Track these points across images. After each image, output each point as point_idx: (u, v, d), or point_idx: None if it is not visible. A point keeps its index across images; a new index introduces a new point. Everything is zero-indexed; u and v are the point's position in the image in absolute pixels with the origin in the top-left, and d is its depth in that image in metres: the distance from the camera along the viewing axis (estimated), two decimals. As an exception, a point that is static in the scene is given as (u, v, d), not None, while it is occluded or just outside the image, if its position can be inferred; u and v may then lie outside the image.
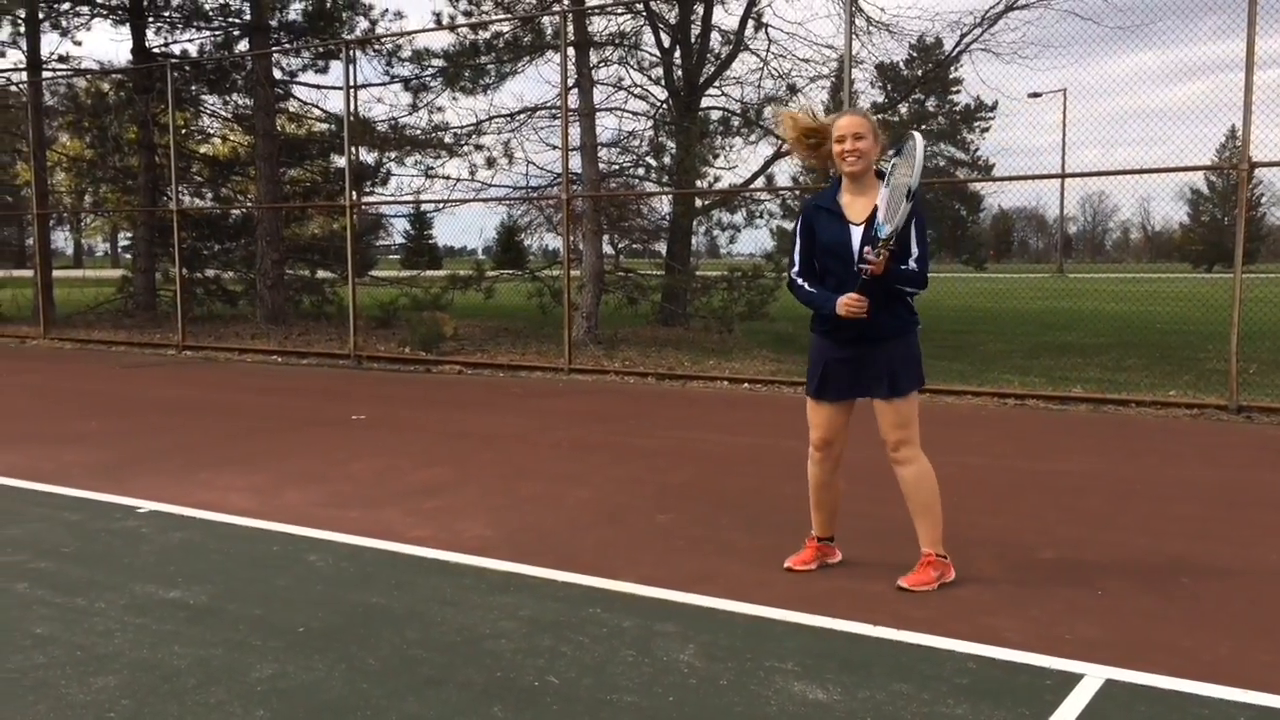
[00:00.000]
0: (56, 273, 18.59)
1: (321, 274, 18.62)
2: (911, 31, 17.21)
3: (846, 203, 4.00)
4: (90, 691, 3.02)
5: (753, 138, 16.02)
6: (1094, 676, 3.11)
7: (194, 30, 18.95)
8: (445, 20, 15.78)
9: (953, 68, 20.92)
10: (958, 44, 14.70)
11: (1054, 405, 8.81)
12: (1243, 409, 8.25)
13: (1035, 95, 23.23)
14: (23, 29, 18.23)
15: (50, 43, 25.42)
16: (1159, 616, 3.65)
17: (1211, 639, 3.43)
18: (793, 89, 15.44)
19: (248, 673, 3.17)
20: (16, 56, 19.27)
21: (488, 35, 15.61)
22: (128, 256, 25.25)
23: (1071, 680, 3.09)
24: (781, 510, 5.23)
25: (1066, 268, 53.20)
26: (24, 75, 18.51)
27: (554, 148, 15.34)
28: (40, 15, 18.04)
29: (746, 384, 10.31)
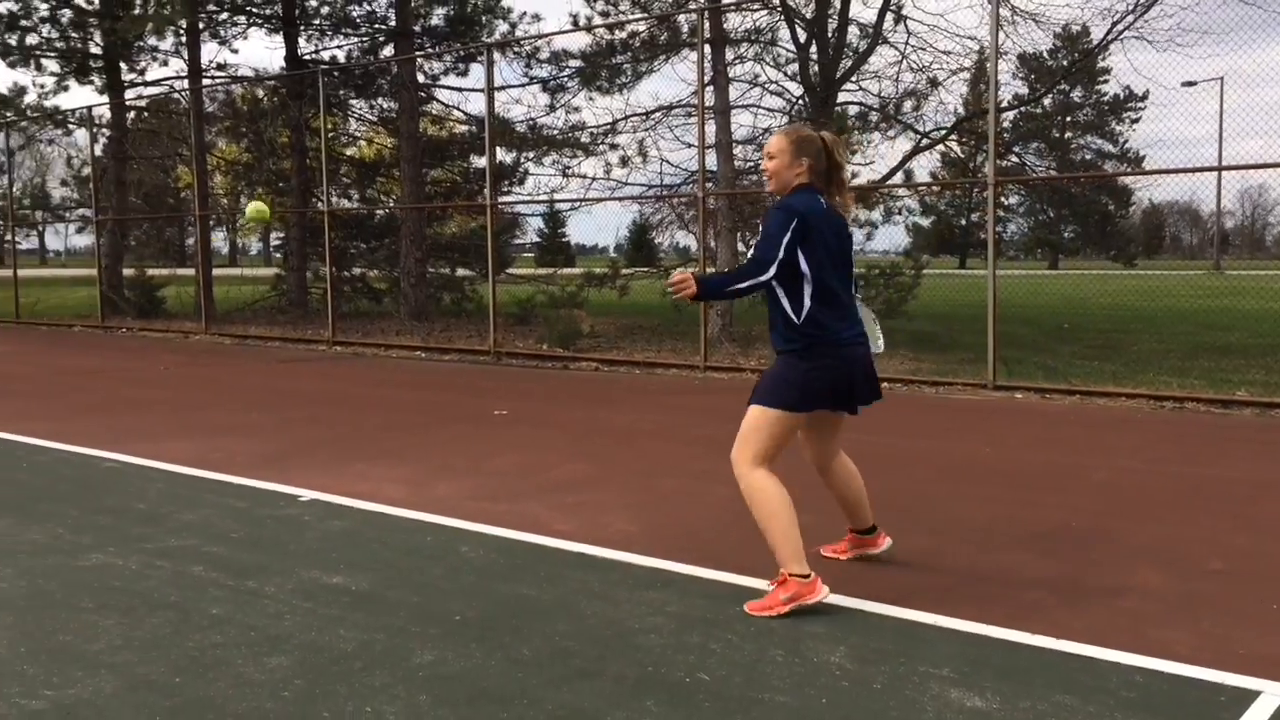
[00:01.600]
0: (215, 271, 19.53)
1: (461, 272, 19.11)
2: (1058, 20, 16.59)
3: None
4: (265, 670, 3.18)
5: (891, 133, 15.74)
6: (1271, 694, 2.96)
7: (342, 37, 19.68)
8: (582, 21, 15.98)
9: (1101, 56, 20.10)
10: (1108, 32, 14.14)
11: (1216, 409, 8.40)
12: None
13: (1190, 84, 22.14)
14: (184, 39, 19.23)
15: (209, 51, 26.80)
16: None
17: (1402, 660, 3.22)
18: (933, 82, 15.13)
19: (409, 658, 3.28)
20: (178, 65, 20.39)
21: (624, 35, 15.73)
22: (279, 255, 26.38)
23: (1247, 697, 2.95)
24: (925, 512, 5.13)
25: (1223, 264, 50.61)
26: (185, 83, 19.54)
27: (689, 146, 15.37)
28: (200, 25, 18.99)
29: (885, 383, 10.12)
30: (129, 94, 20.88)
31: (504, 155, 17.91)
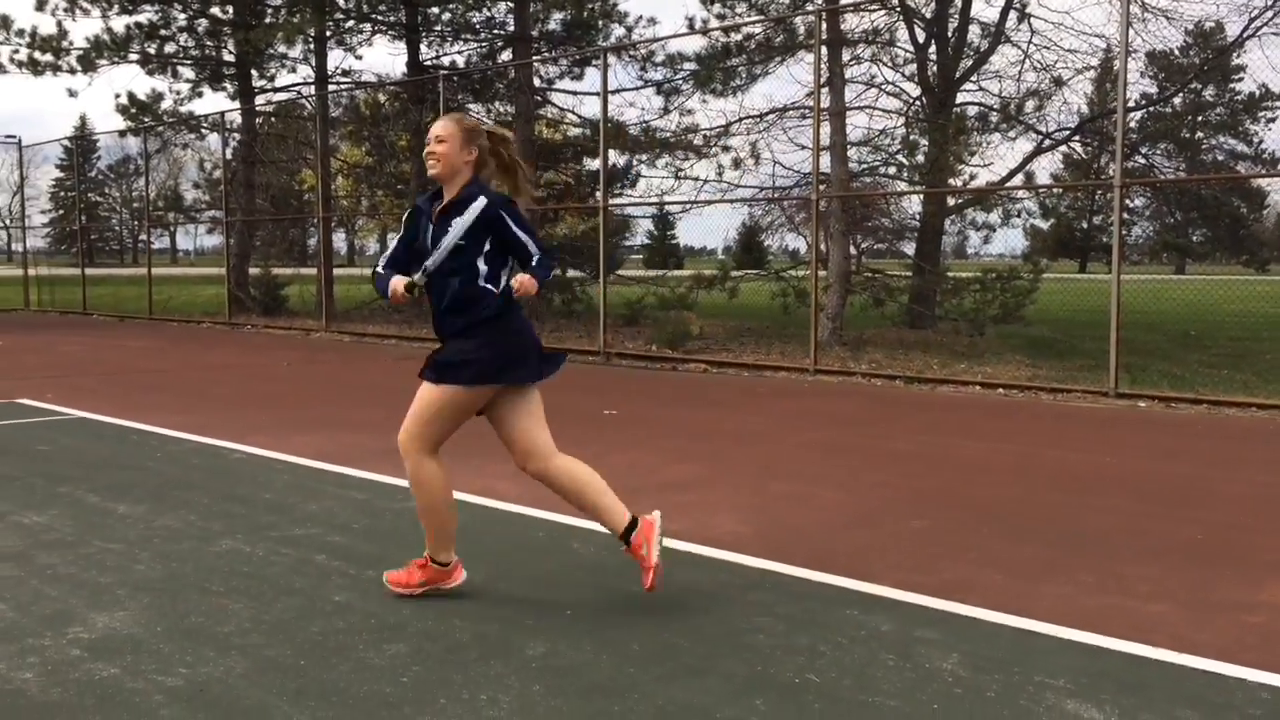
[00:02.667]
0: (335, 270, 20.18)
1: (572, 273, 19.34)
2: (1192, 16, 16.01)
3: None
4: (385, 657, 3.29)
5: (1012, 133, 15.40)
6: None
7: (462, 42, 20.12)
8: (698, 24, 16.03)
9: (1236, 54, 19.29)
10: (1245, 28, 13.59)
11: (1356, 422, 8.01)
12: None
13: (1334, 80, 21.01)
14: (312, 46, 19.92)
15: (335, 58, 27.67)
16: None
17: None
18: (1058, 81, 14.74)
19: (522, 649, 3.36)
20: (306, 71, 21.13)
21: (740, 37, 15.72)
22: (396, 256, 27.01)
23: (1387, 722, 2.82)
24: (1046, 522, 5.02)
25: (1367, 270, 47.90)
26: (312, 88, 20.23)
27: (802, 148, 15.28)
28: (327, 33, 19.65)
29: (1001, 389, 9.92)
30: (259, 99, 21.71)
31: (616, 158, 18.08)
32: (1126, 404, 8.97)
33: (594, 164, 18.56)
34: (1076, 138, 16.83)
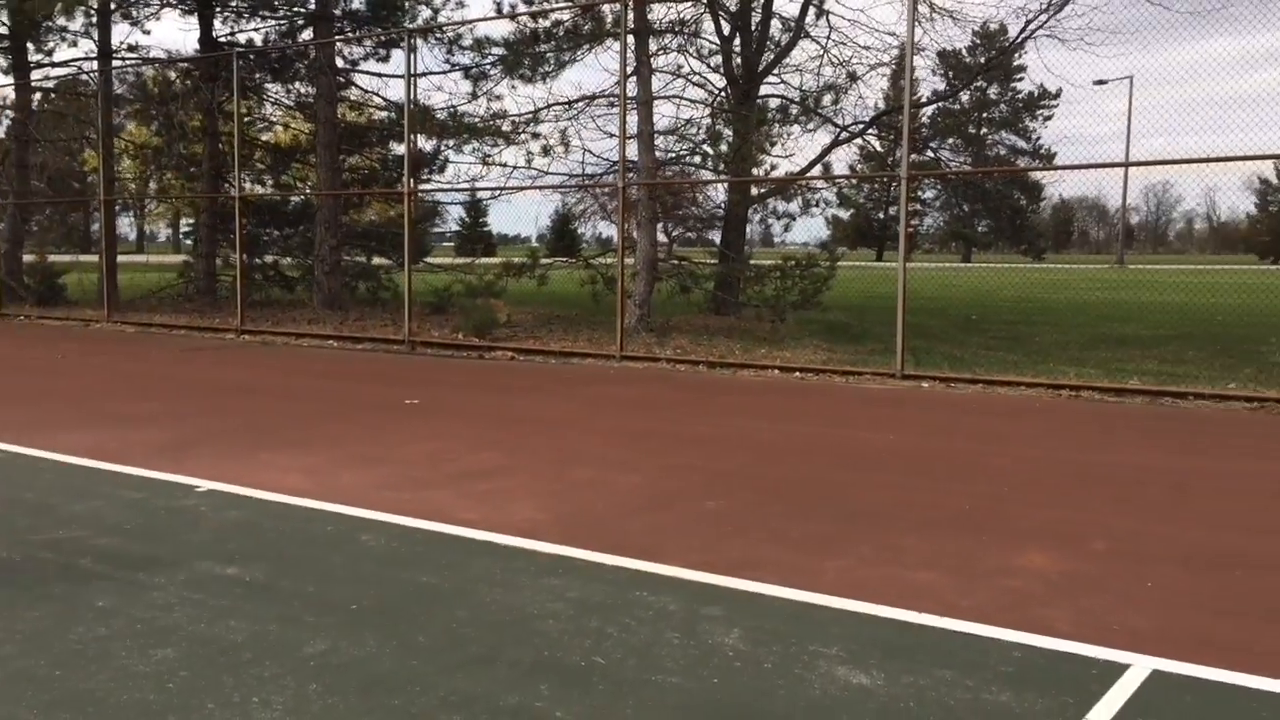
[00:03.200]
0: (120, 258, 19.01)
1: (378, 260, 18.87)
2: (975, 18, 16.96)
3: None
4: (150, 663, 3.12)
5: (811, 126, 15.93)
6: (1140, 667, 3.08)
7: (259, 19, 19.25)
8: (506, 9, 15.87)
9: (1016, 55, 20.53)
10: (1022, 30, 14.49)
11: (1110, 397, 8.68)
12: (1308, 403, 8.07)
13: (1101, 82, 22.74)
14: (94, 19, 18.64)
15: (120, 32, 26.04)
16: (1211, 609, 3.60)
17: (1265, 632, 3.37)
18: (853, 76, 15.33)
19: (301, 647, 3.25)
20: (88, 46, 19.75)
21: (548, 23, 15.66)
22: (189, 242, 25.76)
23: (1117, 670, 3.06)
24: (832, 498, 5.22)
25: (1127, 259, 52.19)
26: (94, 64, 18.94)
27: (611, 135, 15.38)
28: (112, 6, 18.43)
29: (798, 372, 10.27)
30: (35, 75, 20.18)
31: (424, 143, 17.72)
32: (911, 385, 9.45)
33: (400, 148, 18.15)
34: (872, 131, 17.56)
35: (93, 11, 18.34)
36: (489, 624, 3.46)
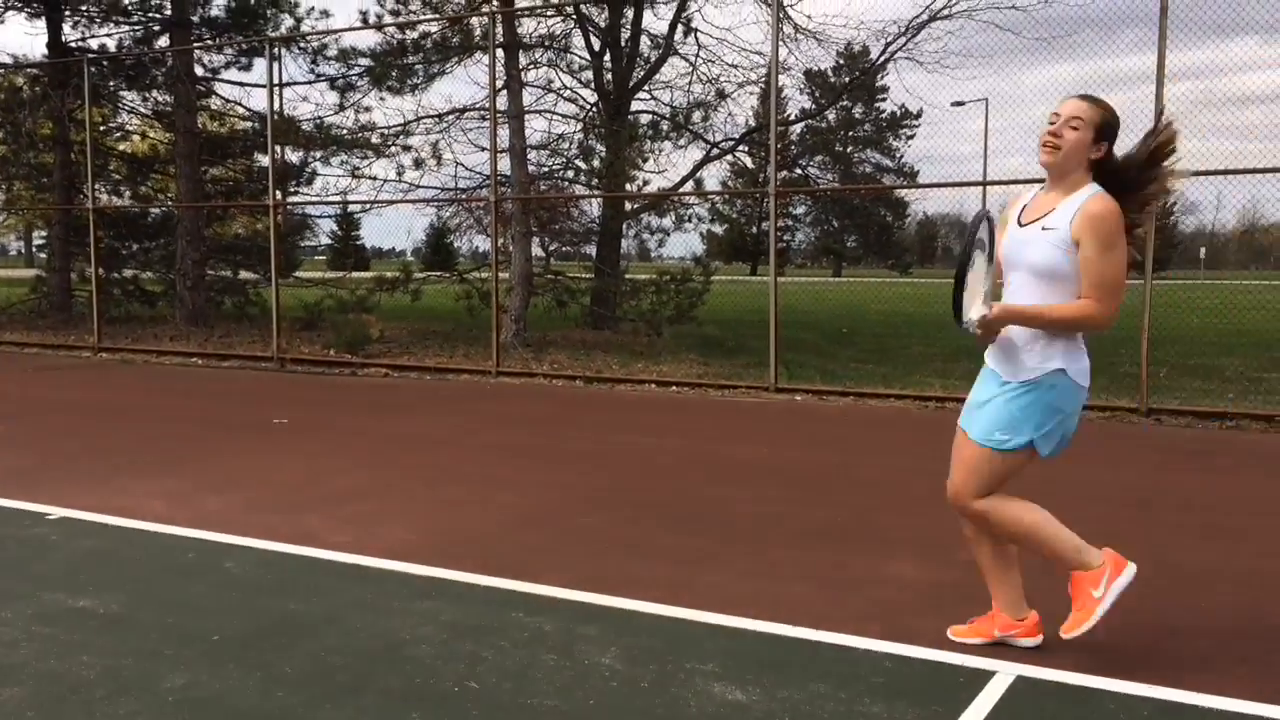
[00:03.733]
0: (-34, 272, 17.97)
1: (244, 275, 18.29)
2: (838, 39, 17.45)
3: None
4: (-7, 704, 2.94)
5: (682, 142, 16.11)
6: (1005, 674, 3.19)
7: (113, 25, 18.48)
8: (372, 19, 15.62)
9: (879, 76, 21.22)
10: (883, 53, 14.96)
11: (974, 408, 8.99)
12: (1152, 411, 8.51)
13: (959, 104, 23.63)
14: (-70, 20, 17.64)
15: (-40, 34, 24.62)
16: (1065, 616, 3.74)
17: (1120, 637, 3.53)
18: (721, 94, 15.58)
19: (159, 682, 3.10)
20: (-76, 48, 18.65)
21: (415, 35, 15.46)
22: (42, 256, 24.55)
23: (983, 678, 3.16)
24: (707, 513, 5.26)
25: (988, 273, 54.22)
26: (-69, 68, 17.90)
27: (483, 149, 15.27)
28: (-50, 7, 17.47)
29: (674, 387, 10.36)
30: None
31: (290, 154, 17.27)
32: (785, 398, 9.62)
33: (265, 160, 17.65)
34: (742, 147, 17.86)
35: (-72, 13, 17.37)
36: (358, 652, 3.37)
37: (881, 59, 15.17)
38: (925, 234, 67.12)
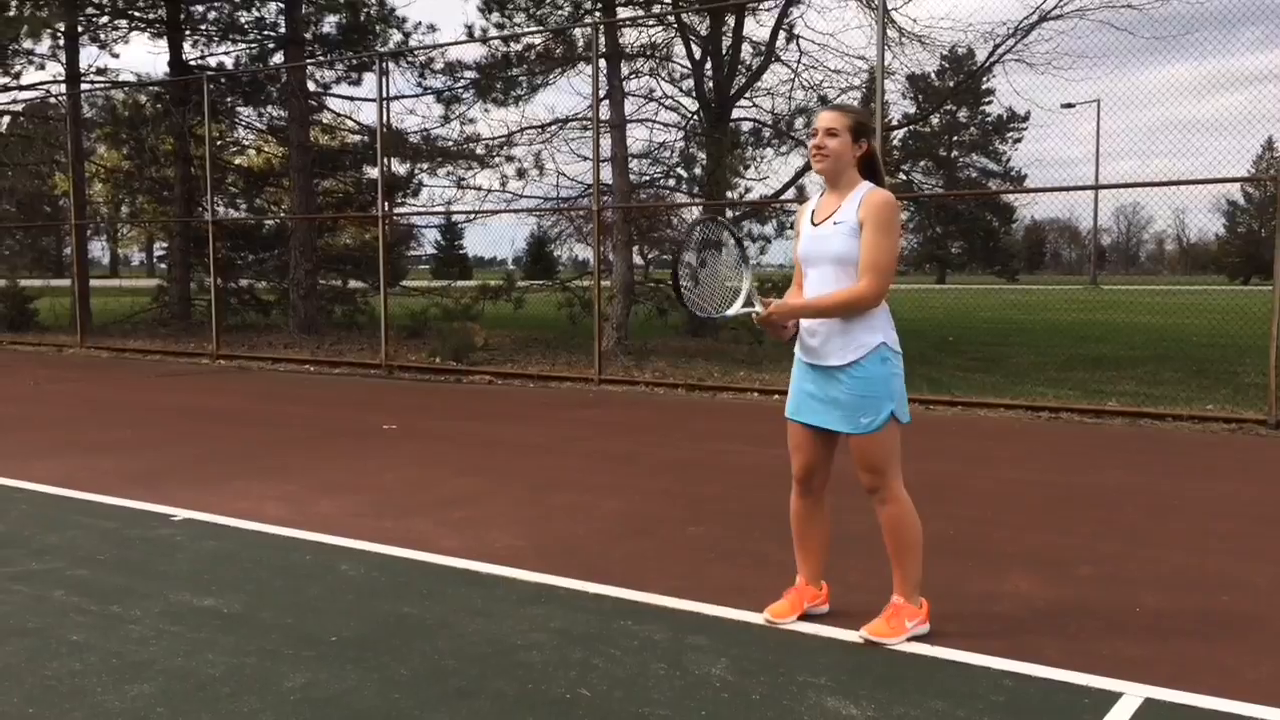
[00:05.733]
0: (93, 282, 18.80)
1: (354, 284, 18.77)
2: (944, 43, 17.14)
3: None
4: (126, 699, 3.04)
5: (784, 149, 16.02)
6: (1133, 695, 3.06)
7: (230, 43, 19.19)
8: (478, 33, 15.88)
9: (985, 78, 20.74)
10: (990, 55, 14.62)
11: (1089, 419, 8.72)
12: (1282, 423, 8.14)
13: (1069, 106, 23.00)
14: (61, 42, 18.52)
15: (89, 55, 25.88)
16: (1199, 634, 3.60)
17: (1253, 658, 3.37)
18: (824, 100, 15.41)
19: (280, 681, 3.18)
20: (55, 69, 19.65)
21: (519, 47, 15.69)
22: (163, 266, 25.56)
23: (1110, 699, 3.04)
24: (813, 523, 5.18)
25: (1100, 279, 52.75)
26: (63, 88, 18.80)
27: (585, 159, 15.42)
28: (79, 29, 18.31)
29: (777, 395, 10.26)
30: (1, 98, 20.01)
31: (398, 166, 17.68)
32: (891, 407, 9.44)
33: (373, 172, 18.08)
34: (844, 154, 17.62)
35: (60, 35, 18.22)
36: (471, 656, 3.40)
37: (989, 61, 14.84)
38: (1033, 239, 65.46)
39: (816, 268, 3.60)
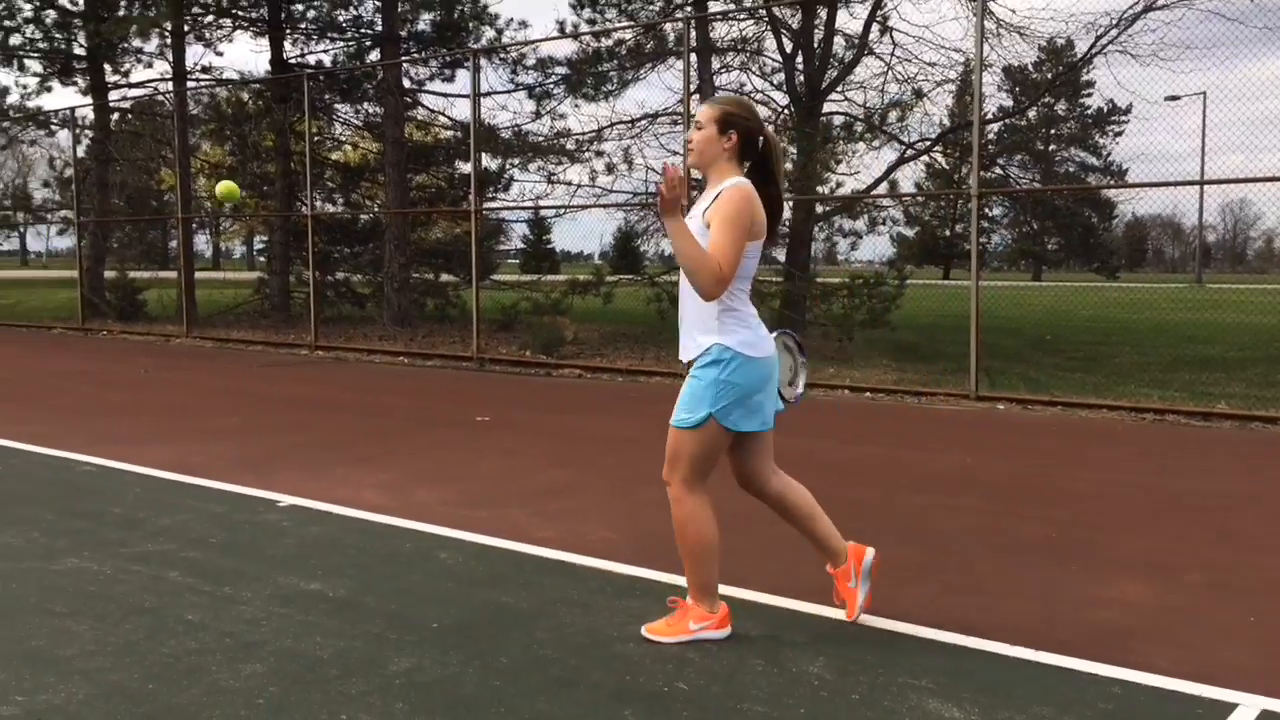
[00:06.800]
0: (197, 274, 19.44)
1: (445, 277, 19.07)
2: (1043, 34, 16.72)
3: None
4: (240, 678, 3.15)
5: (876, 143, 15.80)
6: (1249, 706, 2.97)
7: (328, 41, 19.64)
8: (569, 29, 15.99)
9: (1085, 70, 20.20)
10: (1092, 46, 14.24)
11: (1196, 421, 8.45)
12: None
13: (1173, 99, 22.25)
14: (169, 41, 19.16)
15: (194, 54, 26.75)
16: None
17: (1378, 673, 3.24)
18: (918, 93, 15.19)
19: (386, 665, 3.26)
20: (162, 67, 20.31)
21: (610, 43, 15.75)
22: (262, 259, 26.28)
23: (1224, 710, 2.95)
24: (909, 523, 5.13)
25: (1205, 277, 51.00)
26: (170, 85, 19.45)
27: (675, 153, 15.40)
28: (185, 28, 18.92)
29: (868, 393, 10.15)
30: (112, 95, 20.79)
31: (489, 161, 17.90)
32: (986, 406, 9.28)
33: (466, 167, 18.34)
34: (938, 148, 17.37)
35: (167, 34, 18.84)
36: (569, 646, 3.44)
37: (1091, 53, 14.44)
38: (1134, 236, 63.56)
39: None
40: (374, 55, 19.05)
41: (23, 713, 2.89)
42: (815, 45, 15.88)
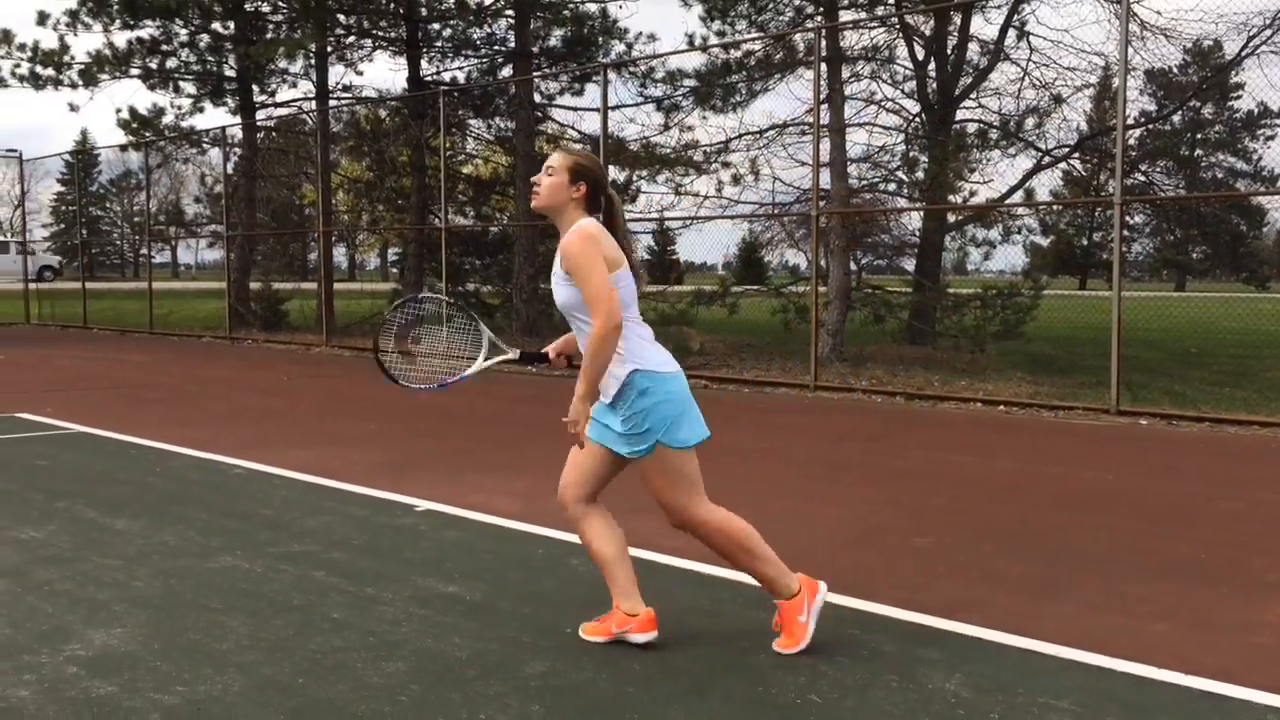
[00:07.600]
0: (335, 285, 20.17)
1: (572, 288, 19.30)
2: (1189, 35, 16.04)
3: None
4: (383, 675, 3.27)
5: (1011, 150, 15.40)
6: None
7: (463, 59, 20.17)
8: (698, 41, 16.07)
9: (1235, 72, 19.30)
10: (1243, 47, 13.61)
11: (1358, 440, 7.98)
12: None
13: (1335, 97, 21.02)
14: (313, 61, 19.97)
15: (336, 74, 27.82)
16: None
17: None
18: (1057, 99, 14.75)
19: (521, 668, 3.33)
20: (306, 87, 21.18)
21: (739, 54, 15.76)
22: (395, 270, 27.06)
23: (1395, 746, 2.79)
24: (1049, 540, 4.99)
25: (1367, 288, 47.92)
26: (313, 104, 20.27)
27: (802, 164, 15.29)
28: (328, 49, 19.70)
29: (1002, 406, 9.90)
30: (259, 114, 21.76)
31: (617, 173, 18.10)
32: (1128, 421, 8.95)
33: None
34: (1076, 155, 16.84)
35: (311, 55, 19.63)
36: (701, 656, 3.46)
37: (1242, 55, 13.81)
38: (1287, 244, 60.23)
39: (566, 316, 3.61)
40: (506, 71, 19.48)
41: (184, 702, 3.06)
42: (949, 52, 15.59)
